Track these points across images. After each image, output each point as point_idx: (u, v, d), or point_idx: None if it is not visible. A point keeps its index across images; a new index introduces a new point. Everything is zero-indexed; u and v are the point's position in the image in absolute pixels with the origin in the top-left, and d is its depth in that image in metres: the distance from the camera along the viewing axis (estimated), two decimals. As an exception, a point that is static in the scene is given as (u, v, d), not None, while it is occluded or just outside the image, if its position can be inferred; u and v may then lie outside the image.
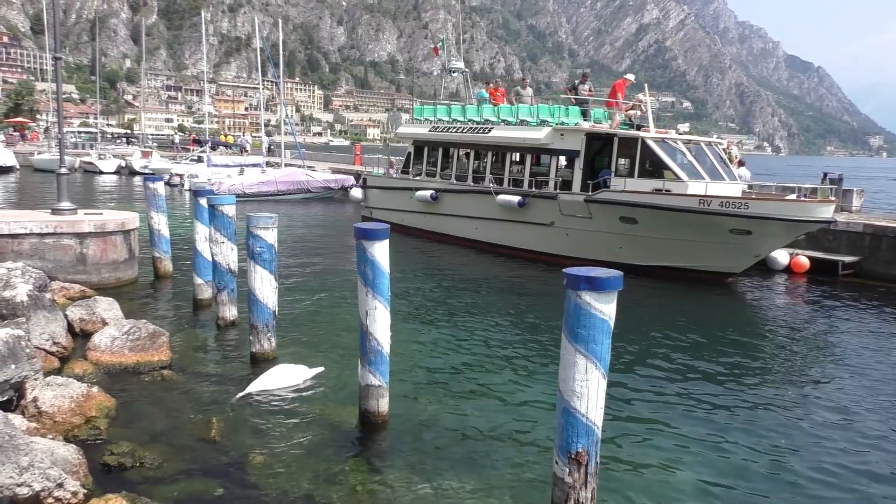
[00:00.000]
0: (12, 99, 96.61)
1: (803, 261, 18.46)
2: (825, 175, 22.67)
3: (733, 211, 15.56)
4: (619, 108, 19.16)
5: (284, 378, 8.53)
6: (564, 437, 5.02)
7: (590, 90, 20.86)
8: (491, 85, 24.67)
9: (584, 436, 4.96)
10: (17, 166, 49.74)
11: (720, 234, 16.00)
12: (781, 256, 18.53)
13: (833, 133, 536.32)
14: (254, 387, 8.28)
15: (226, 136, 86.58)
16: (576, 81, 21.43)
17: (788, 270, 18.62)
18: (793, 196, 17.31)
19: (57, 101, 14.98)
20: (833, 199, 16.80)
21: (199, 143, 62.10)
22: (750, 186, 19.77)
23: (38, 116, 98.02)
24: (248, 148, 57.95)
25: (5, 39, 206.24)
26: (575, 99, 20.61)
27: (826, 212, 15.55)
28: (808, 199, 16.37)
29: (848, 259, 18.16)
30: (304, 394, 8.36)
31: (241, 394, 8.20)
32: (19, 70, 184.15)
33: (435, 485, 6.27)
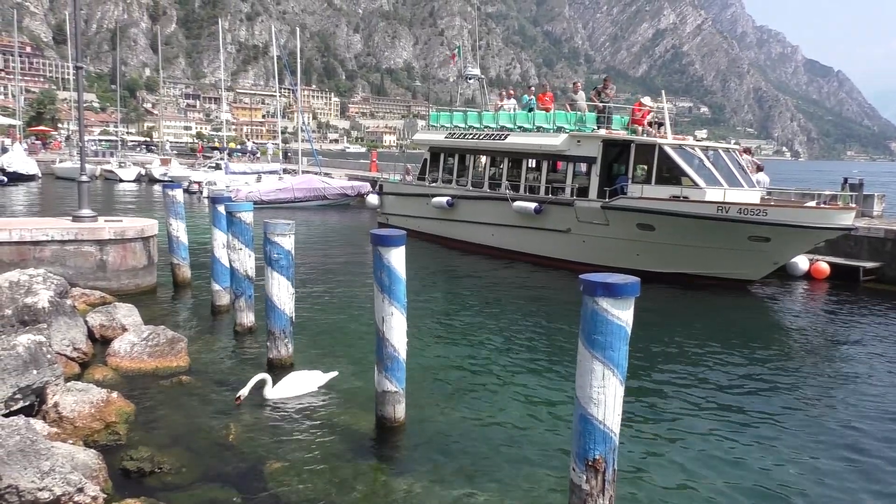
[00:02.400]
0: (34, 108, 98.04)
1: (824, 267, 18.27)
2: (845, 180, 22.46)
3: (752, 218, 15.44)
4: (643, 125, 18.98)
5: (300, 385, 8.56)
6: (581, 444, 4.99)
7: (612, 95, 20.56)
8: (532, 87, 24.24)
9: (601, 443, 4.94)
10: (39, 174, 50.45)
11: (739, 241, 15.87)
12: (802, 262, 18.34)
13: (853, 138, 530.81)
14: (271, 395, 8.32)
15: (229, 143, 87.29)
16: (598, 87, 21.17)
17: (809, 276, 18.43)
18: (812, 203, 17.14)
19: (78, 109, 15.18)
20: (853, 206, 16.62)
21: (216, 150, 62.81)
22: (769, 192, 19.61)
23: (59, 125, 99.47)
24: (258, 153, 58.82)
25: (28, 50, 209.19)
26: (598, 104, 20.39)
27: (846, 219, 15.38)
28: (827, 206, 16.20)
29: (869, 265, 17.94)
30: (321, 400, 8.38)
31: (249, 384, 8.24)
32: (41, 79, 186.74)
33: (451, 492, 6.26)
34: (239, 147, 62.20)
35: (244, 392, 8.08)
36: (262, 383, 8.32)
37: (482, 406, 8.51)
